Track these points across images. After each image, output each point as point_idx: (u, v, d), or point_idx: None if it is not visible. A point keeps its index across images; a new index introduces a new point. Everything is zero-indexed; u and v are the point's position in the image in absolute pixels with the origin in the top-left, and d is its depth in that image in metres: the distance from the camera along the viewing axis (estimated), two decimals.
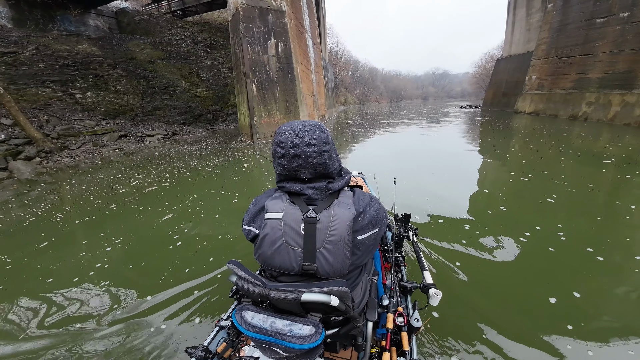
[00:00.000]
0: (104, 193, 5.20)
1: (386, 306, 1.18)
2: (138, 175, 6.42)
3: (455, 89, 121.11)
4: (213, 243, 3.09)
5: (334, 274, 0.86)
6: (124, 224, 3.81)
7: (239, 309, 0.85)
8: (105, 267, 2.75)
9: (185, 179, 5.91)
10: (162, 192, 5.08)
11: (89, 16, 18.29)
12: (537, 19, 19.95)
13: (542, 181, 4.49)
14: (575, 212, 3.37)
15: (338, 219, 0.86)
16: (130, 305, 2.16)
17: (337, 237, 0.85)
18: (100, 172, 7.10)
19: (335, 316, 0.88)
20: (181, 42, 20.36)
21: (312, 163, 0.89)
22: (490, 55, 46.41)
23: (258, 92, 9.13)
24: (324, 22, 26.15)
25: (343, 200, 0.92)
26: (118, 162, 8.44)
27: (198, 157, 8.16)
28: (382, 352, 1.02)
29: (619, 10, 12.18)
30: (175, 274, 2.52)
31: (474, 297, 2.04)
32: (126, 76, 14.67)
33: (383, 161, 6.93)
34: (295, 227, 0.87)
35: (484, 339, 1.70)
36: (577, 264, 2.39)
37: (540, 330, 1.74)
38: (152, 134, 11.76)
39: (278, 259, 0.88)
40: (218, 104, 17.95)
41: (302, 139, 0.87)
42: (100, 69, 14.08)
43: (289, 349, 0.79)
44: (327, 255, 0.85)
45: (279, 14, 9.57)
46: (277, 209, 0.90)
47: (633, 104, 11.80)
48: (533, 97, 18.16)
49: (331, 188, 0.93)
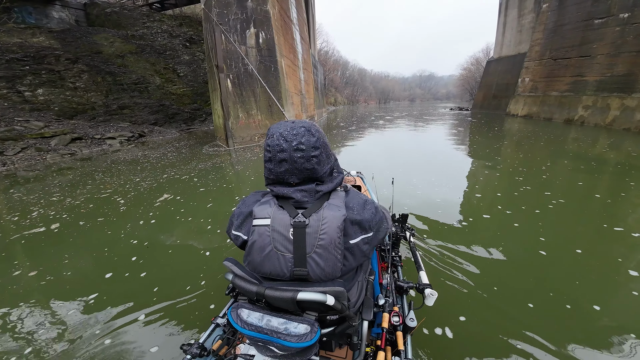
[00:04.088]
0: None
1: (382, 305, 1.18)
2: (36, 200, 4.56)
3: (441, 90, 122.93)
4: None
5: (326, 277, 0.85)
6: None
7: (235, 307, 0.86)
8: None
9: (115, 208, 4.09)
10: (50, 237, 3.33)
11: (52, 8, 16.36)
12: (529, 20, 19.64)
13: (539, 184, 4.48)
14: (574, 213, 3.42)
15: (327, 222, 0.84)
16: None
17: (327, 241, 0.83)
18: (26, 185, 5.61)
19: (331, 315, 0.87)
20: (157, 35, 18.69)
21: (300, 168, 0.87)
22: (476, 58, 46.86)
23: (234, 89, 7.83)
24: (314, 18, 25.01)
25: (333, 202, 0.89)
26: (56, 172, 6.92)
27: (154, 168, 6.66)
28: (377, 351, 1.01)
29: (618, 11, 11.72)
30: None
31: (471, 296, 2.05)
32: (88, 71, 12.95)
33: (380, 161, 6.72)
34: (284, 232, 0.85)
35: (482, 338, 1.70)
36: (569, 265, 2.41)
37: (539, 329, 1.73)
38: (113, 136, 10.19)
39: (268, 265, 0.86)
40: (197, 102, 16.42)
41: (289, 143, 0.85)
42: (57, 63, 12.32)
43: (284, 347, 0.79)
44: (318, 260, 0.84)
45: (260, 0, 8.33)
46: (264, 214, 0.87)
47: (633, 108, 11.33)
48: (526, 99, 17.74)
49: (320, 190, 0.90)
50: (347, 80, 66.75)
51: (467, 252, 2.61)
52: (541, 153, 6.89)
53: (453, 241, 2.80)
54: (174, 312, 2.02)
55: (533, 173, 5.09)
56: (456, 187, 4.61)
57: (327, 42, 52.42)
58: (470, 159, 6.78)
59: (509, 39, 22.34)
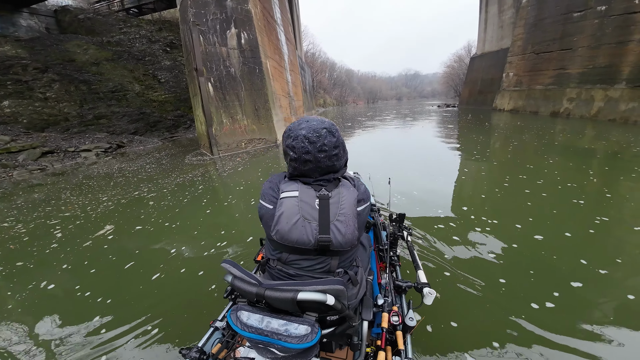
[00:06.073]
0: None
1: (381, 305, 1.19)
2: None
3: (427, 88, 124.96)
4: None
5: (346, 244, 0.93)
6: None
7: (234, 309, 0.86)
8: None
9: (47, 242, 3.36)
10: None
11: (20, 16, 15.43)
12: (510, 15, 19.99)
13: (535, 179, 4.44)
14: (574, 209, 3.34)
15: (346, 196, 0.96)
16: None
17: (346, 210, 0.94)
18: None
19: (331, 315, 0.88)
20: (135, 41, 17.97)
21: (322, 166, 0.96)
22: (458, 55, 47.59)
23: (216, 93, 7.38)
24: (299, 19, 24.71)
25: (346, 183, 1.02)
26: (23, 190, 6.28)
27: (128, 183, 6.05)
28: (378, 351, 1.01)
29: (596, 4, 11.93)
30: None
31: (471, 295, 2.02)
32: (60, 81, 12.19)
33: (375, 161, 6.65)
34: (311, 202, 0.93)
35: (479, 338, 1.67)
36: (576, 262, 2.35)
37: (539, 330, 1.70)
38: (88, 148, 9.52)
39: (295, 233, 0.91)
40: (180, 108, 15.79)
41: (314, 145, 0.93)
42: (24, 73, 11.54)
43: (285, 349, 0.80)
44: (340, 227, 0.92)
45: (240, 0, 7.93)
46: (292, 188, 0.96)
47: (617, 99, 11.52)
48: (512, 94, 17.96)
49: (335, 177, 1.01)
50: (335, 82, 66.78)
51: (466, 251, 2.58)
52: (534, 147, 6.82)
53: (451, 240, 2.78)
54: (172, 317, 1.94)
55: (526, 168, 5.02)
56: (453, 185, 4.56)
57: (313, 44, 52.31)
58: (465, 156, 6.68)
59: (491, 35, 22.70)
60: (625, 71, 11.22)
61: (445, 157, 6.87)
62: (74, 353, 1.77)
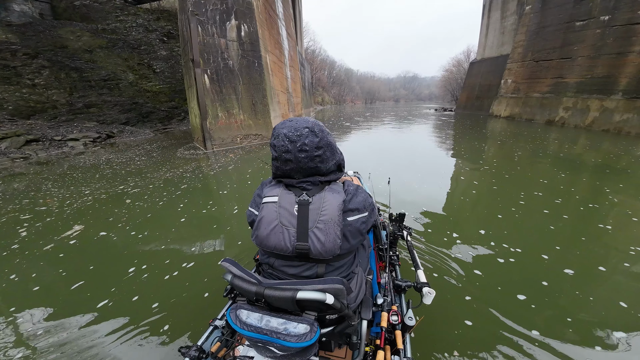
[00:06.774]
0: None
1: (381, 305, 1.20)
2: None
3: (424, 91, 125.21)
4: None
5: (326, 253, 0.88)
6: None
7: (234, 308, 0.86)
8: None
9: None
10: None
11: (13, 0, 14.80)
12: (512, 22, 20.05)
13: (532, 184, 4.53)
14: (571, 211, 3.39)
15: (328, 202, 0.90)
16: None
17: (328, 217, 0.88)
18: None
19: (330, 314, 0.88)
20: (131, 29, 17.47)
21: (304, 167, 0.92)
22: (457, 59, 47.79)
23: (212, 86, 7.12)
24: (301, 14, 24.39)
25: (334, 187, 0.96)
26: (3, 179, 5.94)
27: (115, 175, 5.73)
28: (377, 350, 1.01)
29: (599, 14, 11.98)
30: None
31: (471, 294, 2.01)
32: (50, 67, 11.72)
33: (375, 162, 6.61)
34: (290, 208, 0.91)
35: (480, 339, 1.67)
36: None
37: (538, 329, 1.72)
38: (76, 137, 9.14)
39: (273, 239, 0.90)
40: (175, 99, 15.40)
41: (294, 144, 0.89)
42: (13, 58, 11.06)
43: (284, 348, 0.80)
44: (319, 235, 0.87)
45: None
46: (273, 193, 0.95)
47: (612, 109, 11.62)
48: (509, 100, 18.04)
49: (322, 180, 0.97)
50: (334, 80, 66.48)
51: (465, 250, 2.58)
52: (532, 154, 6.82)
53: (451, 239, 2.77)
54: (171, 316, 1.91)
55: (521, 174, 5.06)
56: (452, 186, 4.58)
57: (313, 41, 51.91)
58: (463, 160, 6.66)
59: (492, 40, 22.77)
60: (623, 82, 11.31)
61: (444, 159, 6.84)
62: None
